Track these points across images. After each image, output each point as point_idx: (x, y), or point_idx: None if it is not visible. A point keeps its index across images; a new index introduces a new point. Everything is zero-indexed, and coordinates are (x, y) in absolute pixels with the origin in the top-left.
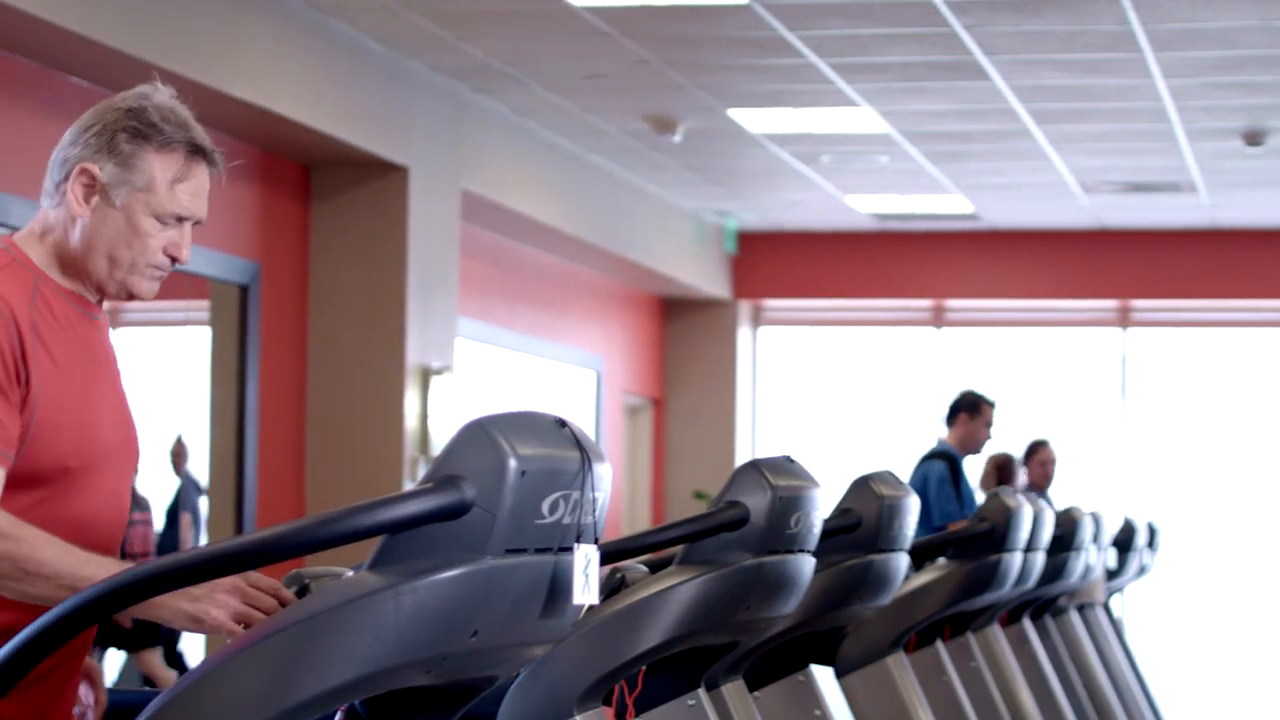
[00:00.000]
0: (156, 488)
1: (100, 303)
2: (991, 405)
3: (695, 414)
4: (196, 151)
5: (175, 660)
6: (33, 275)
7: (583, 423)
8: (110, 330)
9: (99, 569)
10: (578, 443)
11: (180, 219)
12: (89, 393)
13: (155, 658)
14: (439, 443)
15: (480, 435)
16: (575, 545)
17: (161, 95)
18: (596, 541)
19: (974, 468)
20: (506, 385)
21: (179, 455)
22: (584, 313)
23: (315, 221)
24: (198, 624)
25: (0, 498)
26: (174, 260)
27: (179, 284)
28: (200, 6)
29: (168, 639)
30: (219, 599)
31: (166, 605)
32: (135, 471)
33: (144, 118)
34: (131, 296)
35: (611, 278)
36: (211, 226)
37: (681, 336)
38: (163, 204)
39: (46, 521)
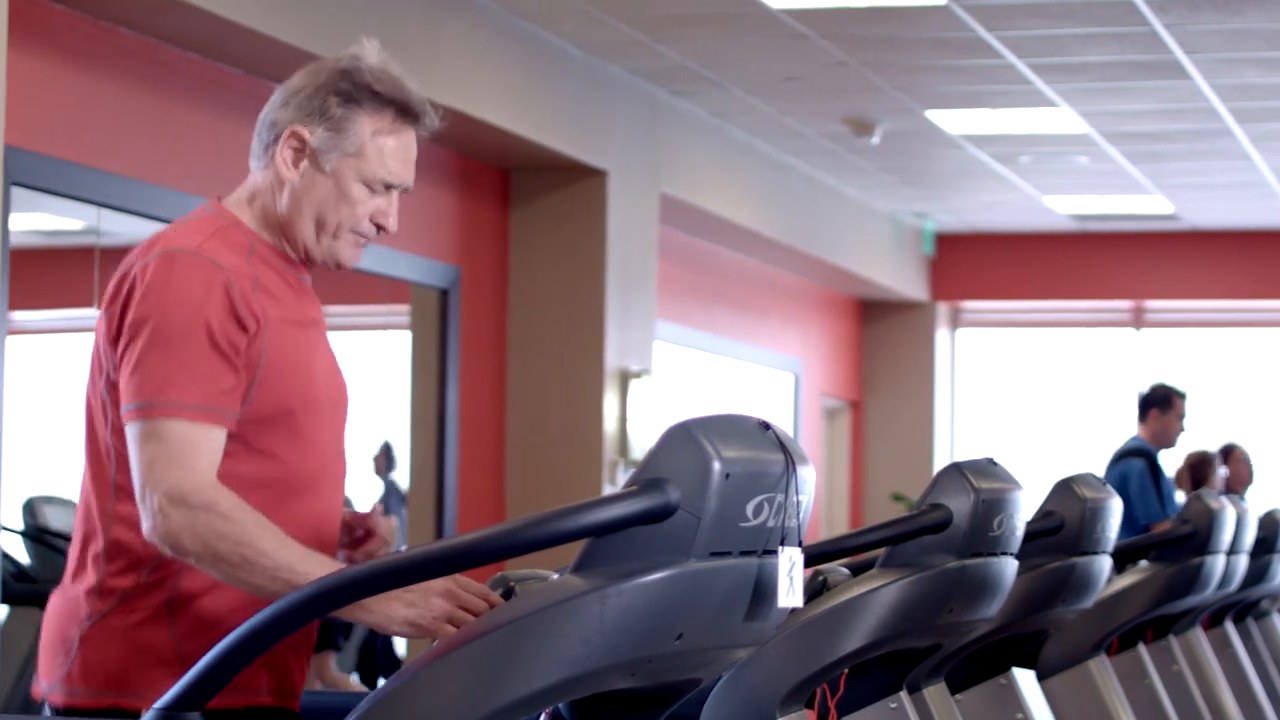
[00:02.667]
0: (361, 493)
1: (306, 267)
2: (1183, 397)
3: (893, 416)
4: (406, 113)
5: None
6: (247, 236)
7: (781, 426)
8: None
9: (317, 565)
10: (781, 445)
11: (388, 186)
12: (306, 343)
13: (329, 662)
14: (638, 446)
15: (685, 438)
16: (779, 548)
17: (373, 56)
18: (800, 544)
19: (1169, 463)
20: (705, 388)
21: (383, 460)
22: (782, 315)
23: (515, 226)
24: (411, 627)
25: (227, 451)
26: (380, 229)
27: (380, 289)
28: (401, 12)
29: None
30: (433, 602)
31: (377, 609)
32: (344, 427)
33: (356, 79)
34: (337, 265)
35: (809, 280)
36: (412, 231)
37: (879, 339)
38: (373, 170)
39: (271, 472)
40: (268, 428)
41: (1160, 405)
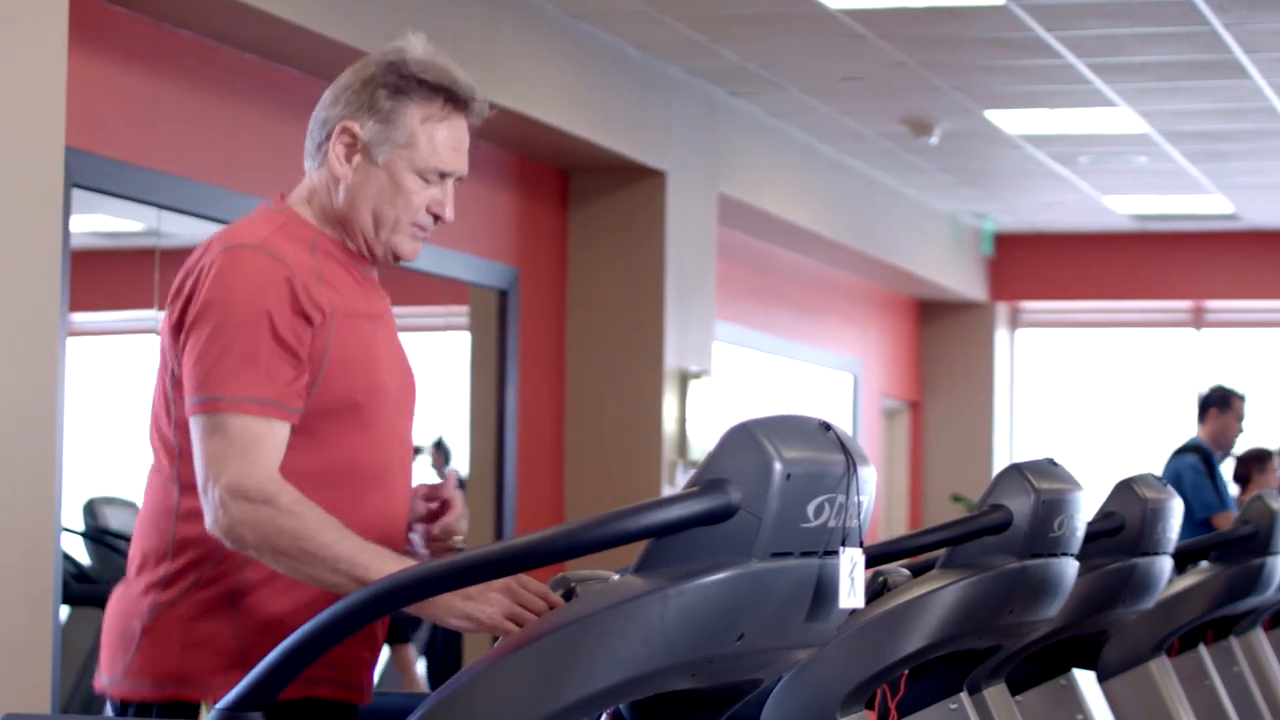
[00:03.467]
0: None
1: (370, 262)
2: (1242, 399)
3: (953, 417)
4: (455, 101)
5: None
6: (310, 231)
7: (841, 426)
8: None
9: (375, 558)
10: (842, 446)
11: (443, 175)
12: (371, 336)
13: (407, 655)
14: (697, 447)
15: (745, 439)
16: (840, 549)
17: (419, 48)
18: (861, 545)
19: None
20: (764, 389)
21: (439, 456)
22: (841, 316)
23: (573, 226)
24: (471, 622)
25: (293, 445)
26: (437, 218)
27: (439, 290)
28: (459, 14)
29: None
30: (493, 598)
31: (439, 603)
32: (413, 416)
33: (403, 71)
34: (397, 257)
35: (868, 280)
36: (471, 232)
37: (939, 339)
38: (425, 160)
39: (338, 464)
40: (333, 420)
41: (1219, 406)
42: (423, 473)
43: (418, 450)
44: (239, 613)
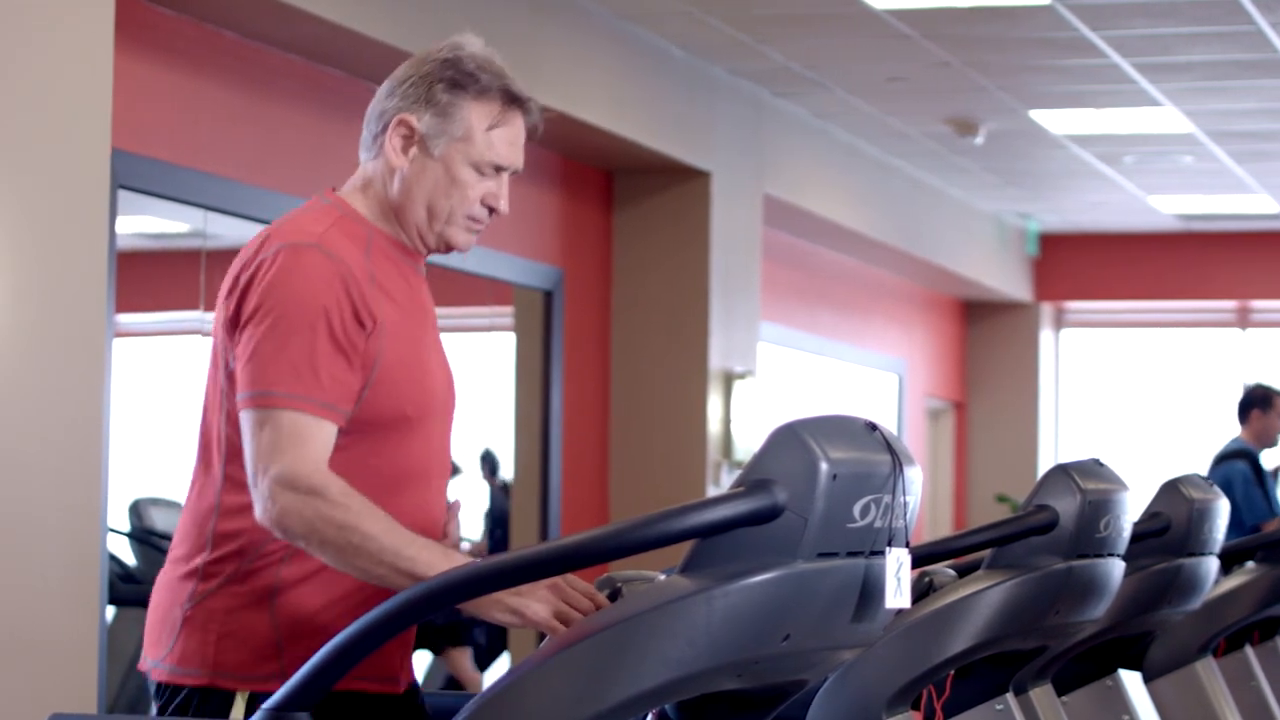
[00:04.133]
0: (470, 496)
1: (422, 255)
2: None
3: (997, 417)
4: (512, 100)
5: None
6: (364, 228)
7: (886, 426)
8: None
9: (422, 551)
10: (889, 446)
11: (498, 169)
12: (421, 341)
13: (464, 659)
14: (741, 447)
15: (791, 439)
16: (886, 549)
17: (475, 45)
18: (908, 545)
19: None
20: (808, 389)
21: (486, 468)
22: (885, 316)
23: (618, 227)
24: (517, 618)
25: (336, 446)
26: (491, 211)
27: (483, 290)
28: (503, 15)
29: (477, 641)
30: (540, 595)
31: (487, 597)
32: (453, 419)
33: (461, 67)
34: (450, 248)
35: (913, 281)
36: (515, 233)
37: (983, 339)
38: (480, 153)
39: (381, 466)
40: (379, 429)
41: (1261, 405)
42: (473, 482)
43: (455, 470)
44: (276, 607)
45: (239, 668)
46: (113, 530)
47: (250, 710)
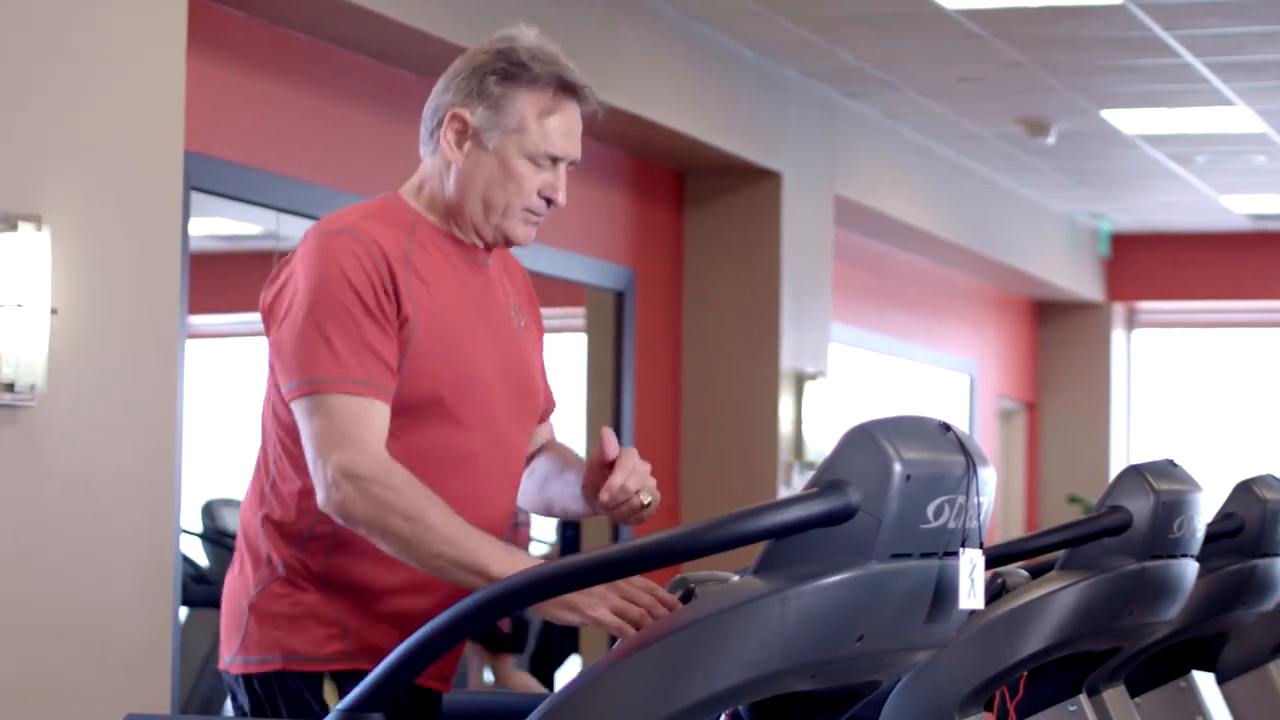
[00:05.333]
0: None
1: (487, 251)
2: None
3: (1069, 418)
4: (566, 89)
5: (541, 669)
6: (410, 216)
7: (959, 427)
8: (517, 276)
9: (481, 544)
10: (962, 447)
11: (554, 160)
12: (469, 328)
13: (510, 664)
14: (813, 448)
15: (865, 440)
16: (960, 550)
17: (529, 35)
18: (981, 546)
19: None
20: (880, 390)
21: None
22: (957, 316)
23: (689, 228)
24: (577, 615)
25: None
26: (549, 202)
27: (555, 291)
28: (578, 16)
29: (532, 646)
30: (597, 591)
31: None
32: (534, 424)
33: (512, 58)
34: (509, 242)
35: (984, 281)
36: (587, 234)
37: (1055, 340)
38: (535, 144)
39: (424, 448)
40: (418, 411)
41: None
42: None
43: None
44: (333, 589)
45: (309, 649)
46: (185, 531)
47: (343, 692)
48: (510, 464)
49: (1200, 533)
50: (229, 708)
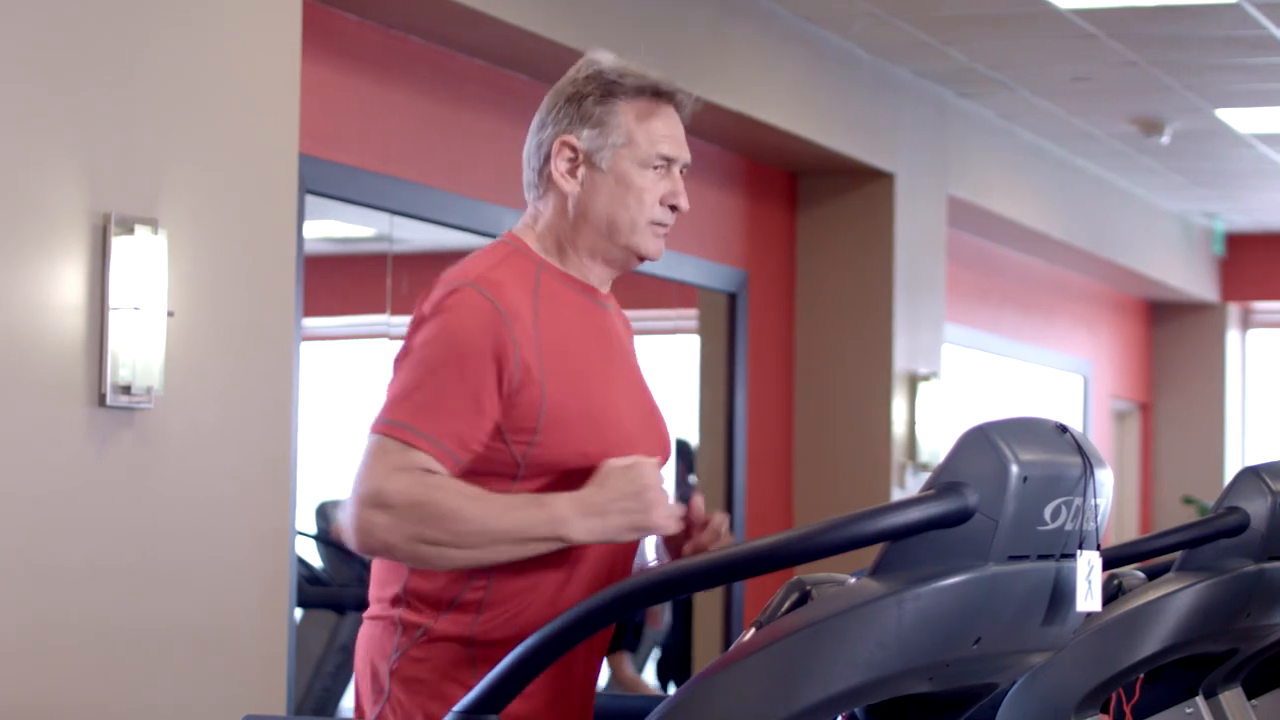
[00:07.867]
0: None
1: (606, 289)
2: None
3: (1184, 418)
4: (661, 95)
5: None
6: (534, 263)
7: (1076, 428)
8: (622, 316)
9: (526, 509)
10: (1079, 448)
11: (668, 163)
12: (603, 378)
13: (625, 662)
14: (926, 450)
15: (982, 442)
16: (1078, 551)
17: (609, 57)
18: (1098, 548)
19: None
20: (993, 391)
21: (683, 467)
22: (1070, 317)
23: (802, 229)
24: (639, 531)
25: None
26: (674, 209)
27: (668, 293)
28: (692, 19)
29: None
30: (627, 506)
31: (613, 526)
32: (663, 464)
33: (604, 78)
34: (641, 258)
35: (1098, 282)
36: (699, 235)
37: (1169, 340)
38: (645, 151)
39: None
40: (566, 472)
41: None
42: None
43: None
44: (478, 659)
45: None
46: (300, 533)
47: None
48: None
49: None
50: (344, 709)
